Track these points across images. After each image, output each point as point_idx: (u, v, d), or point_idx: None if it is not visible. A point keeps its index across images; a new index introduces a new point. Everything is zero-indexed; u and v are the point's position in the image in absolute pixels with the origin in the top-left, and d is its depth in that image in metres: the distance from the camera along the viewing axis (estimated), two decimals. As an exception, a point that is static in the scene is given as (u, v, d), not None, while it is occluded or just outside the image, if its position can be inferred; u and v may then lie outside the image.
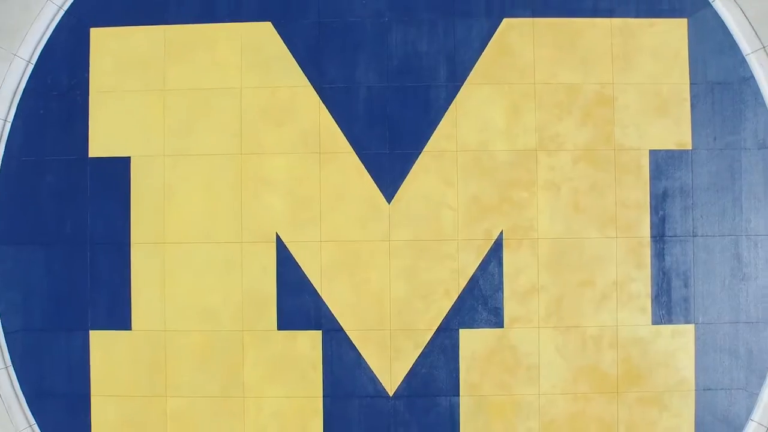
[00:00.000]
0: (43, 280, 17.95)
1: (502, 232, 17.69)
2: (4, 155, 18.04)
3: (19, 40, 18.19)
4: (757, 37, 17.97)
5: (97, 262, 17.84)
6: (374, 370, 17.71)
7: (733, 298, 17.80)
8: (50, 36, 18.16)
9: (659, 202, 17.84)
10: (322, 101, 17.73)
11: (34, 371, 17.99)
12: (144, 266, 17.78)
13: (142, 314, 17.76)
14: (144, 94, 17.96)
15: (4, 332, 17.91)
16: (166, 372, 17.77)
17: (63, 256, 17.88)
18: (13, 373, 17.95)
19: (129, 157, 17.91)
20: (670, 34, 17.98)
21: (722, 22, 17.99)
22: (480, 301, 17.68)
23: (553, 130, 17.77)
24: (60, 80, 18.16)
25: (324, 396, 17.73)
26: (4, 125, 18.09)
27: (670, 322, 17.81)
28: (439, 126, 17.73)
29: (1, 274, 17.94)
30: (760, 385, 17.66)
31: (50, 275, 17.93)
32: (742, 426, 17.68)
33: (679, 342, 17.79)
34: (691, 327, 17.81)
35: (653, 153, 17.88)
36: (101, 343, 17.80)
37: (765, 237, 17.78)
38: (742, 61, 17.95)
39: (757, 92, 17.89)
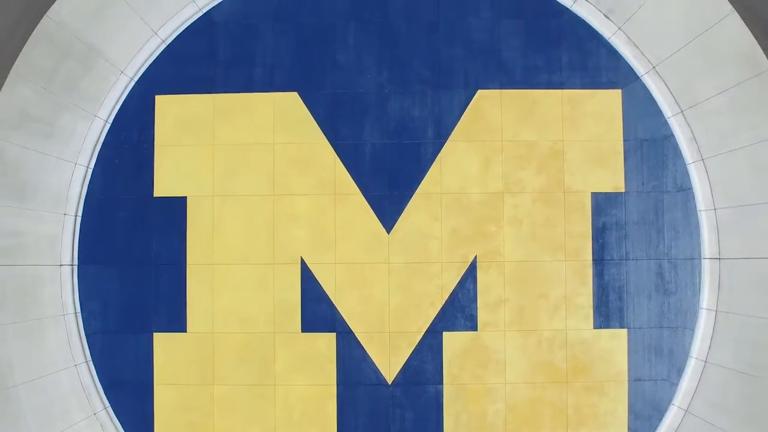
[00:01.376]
0: (117, 293, 22.71)
1: (476, 257, 22.50)
2: (87, 195, 22.87)
3: (99, 104, 23.09)
4: (677, 103, 22.88)
5: (160, 279, 22.61)
6: (376, 364, 22.45)
7: (657, 308, 22.56)
8: (124, 101, 23.05)
9: (599, 233, 22.65)
10: (337, 154, 22.61)
11: (109, 365, 22.72)
12: (197, 282, 22.55)
13: (195, 320, 22.52)
14: (197, 147, 22.83)
15: (86, 333, 22.68)
16: (213, 365, 22.52)
17: (133, 274, 22.65)
18: (92, 366, 22.69)
19: (186, 197, 22.75)
20: (608, 102, 22.89)
21: (649, 92, 22.91)
22: (459, 310, 22.48)
23: (516, 177, 22.64)
24: (131, 136, 23.01)
25: (337, 384, 22.47)
26: (86, 171, 22.94)
27: (608, 327, 22.56)
28: (427, 174, 22.59)
29: (84, 288, 22.70)
30: (679, 376, 22.37)
31: (123, 289, 22.70)
32: (665, 409, 22.42)
33: (615, 343, 22.54)
34: (624, 331, 22.55)
35: (594, 195, 22.71)
36: (162, 342, 22.57)
37: (682, 261, 22.56)
38: (665, 123, 22.83)
39: (676, 147, 22.78)
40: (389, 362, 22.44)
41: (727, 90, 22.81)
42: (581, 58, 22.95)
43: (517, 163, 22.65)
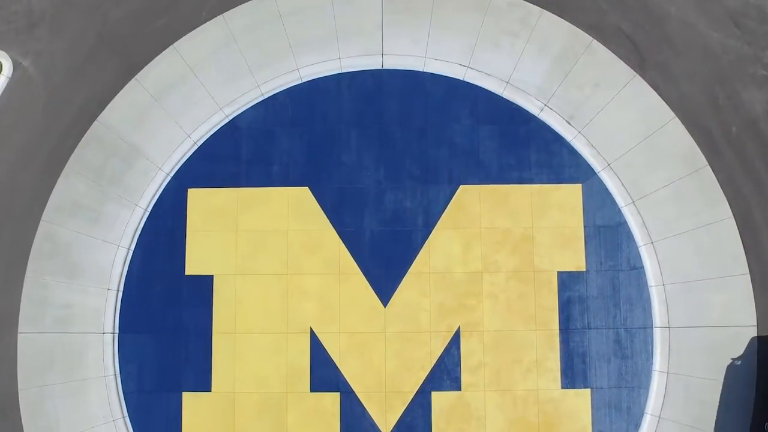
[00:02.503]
0: (152, 357, 26.51)
1: (459, 327, 26.38)
2: (127, 272, 26.85)
3: (139, 195, 27.27)
4: (629, 195, 27.06)
5: (189, 345, 26.44)
6: (374, 420, 26.13)
7: (616, 371, 26.30)
8: (161, 193, 27.23)
9: (564, 306, 26.55)
10: (341, 239, 26.70)
11: (144, 420, 26.37)
12: (221, 348, 26.37)
13: (219, 381, 26.25)
14: (223, 233, 26.91)
15: (123, 392, 26.36)
16: (234, 421, 26.17)
17: (166, 341, 26.47)
18: (129, 421, 26.34)
19: (212, 275, 26.73)
20: (570, 195, 27.05)
21: (605, 185, 27.10)
22: (445, 372, 26.24)
23: (493, 258, 26.67)
24: (166, 222, 27.11)
25: (341, 437, 26.15)
26: (127, 252, 26.98)
27: (573, 387, 26.27)
28: (418, 256, 26.68)
29: (123, 353, 26.50)
30: (637, 431, 25.97)
31: (156, 354, 26.50)
32: (625, 459, 25.99)
33: (580, 401, 26.24)
34: (588, 390, 26.26)
35: (560, 273, 26.70)
36: (191, 400, 26.27)
37: (637, 329, 26.41)
38: (619, 212, 26.96)
39: (629, 232, 26.86)
40: (386, 418, 26.07)
41: (671, 183, 27.05)
42: (547, 158, 27.21)
43: (494, 246, 26.67)
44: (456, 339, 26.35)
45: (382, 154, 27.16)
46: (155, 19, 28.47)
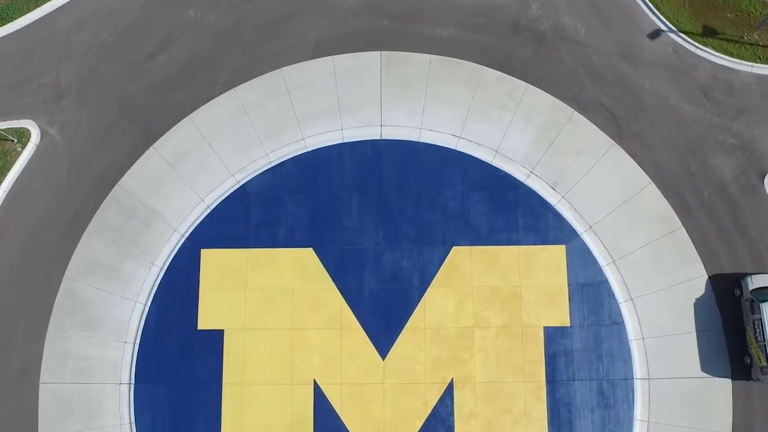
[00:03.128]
0: (166, 407, 28.38)
1: (452, 379, 28.32)
2: (143, 326, 28.84)
3: (156, 254, 29.42)
4: (610, 255, 29.24)
5: (200, 395, 28.31)
6: (374, 465, 27.96)
7: (600, 420, 28.19)
8: (176, 253, 29.37)
9: (551, 359, 28.52)
10: (343, 297, 28.80)
11: (157, 467, 28.16)
12: (230, 398, 28.25)
13: (228, 429, 28.08)
14: (233, 290, 29.00)
15: (138, 441, 28.21)
16: (242, 467, 28.01)
17: (179, 391, 28.35)
18: (142, 468, 28.12)
19: (223, 330, 28.74)
20: (555, 255, 29.23)
21: (587, 246, 29.29)
22: (440, 422, 28.12)
23: (484, 315, 28.74)
24: (180, 280, 29.21)
25: (342, 481, 27.92)
26: (144, 308, 29.02)
27: (559, 435, 28.16)
28: (414, 313, 28.76)
29: (139, 403, 28.36)
30: (620, 477, 27.81)
31: (170, 403, 28.36)
32: (609, 505, 27.71)
33: (565, 448, 28.09)
34: (573, 439, 28.15)
35: (546, 328, 28.73)
36: (202, 447, 28.13)
37: (618, 381, 28.37)
38: (600, 270, 29.12)
39: (610, 290, 29.00)
40: (384, 464, 27.92)
41: (648, 244, 29.29)
42: (533, 221, 29.47)
43: (485, 303, 28.77)
44: (450, 390, 28.27)
45: (381, 218, 29.43)
46: (173, 92, 31.09)
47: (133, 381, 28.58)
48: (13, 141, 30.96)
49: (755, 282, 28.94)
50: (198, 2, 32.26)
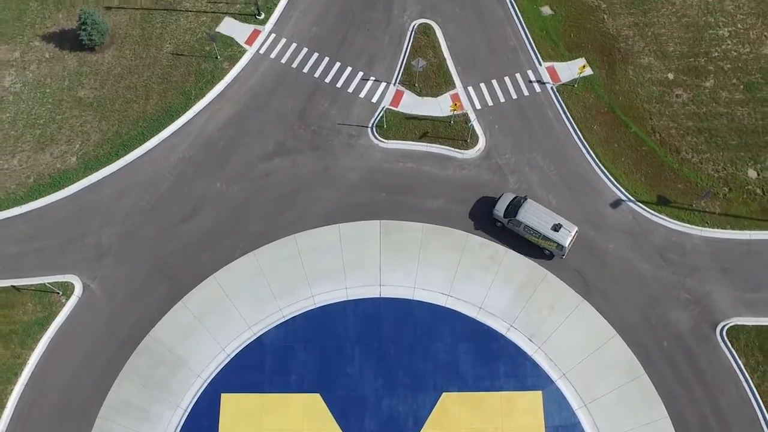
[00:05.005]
0: None
1: None
2: (171, 462, 32.48)
3: (180, 398, 33.33)
4: (581, 399, 33.19)
5: None
6: None
7: None
8: (198, 397, 33.29)
9: (531, 496, 31.95)
10: (347, 439, 32.67)
11: None
12: None
13: None
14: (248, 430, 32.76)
15: None
16: None
17: None
18: None
19: (240, 465, 32.33)
20: (533, 400, 33.18)
21: (561, 392, 33.24)
22: None
23: (474, 445, 32.42)
24: (202, 422, 33.00)
25: None
26: (169, 446, 32.73)
27: None
28: (409, 452, 32.54)
29: None
30: None
31: None
32: None
33: None
34: None
35: (526, 465, 32.35)
36: None
37: None
38: (573, 414, 32.98)
39: (583, 430, 32.61)
40: None
41: (616, 389, 33.36)
42: (513, 369, 33.60)
43: (475, 436, 32.57)
44: None
45: (380, 367, 33.57)
46: (200, 253, 35.96)
47: None
48: (58, 293, 35.46)
49: (499, 208, 35.88)
50: (223, 175, 37.80)
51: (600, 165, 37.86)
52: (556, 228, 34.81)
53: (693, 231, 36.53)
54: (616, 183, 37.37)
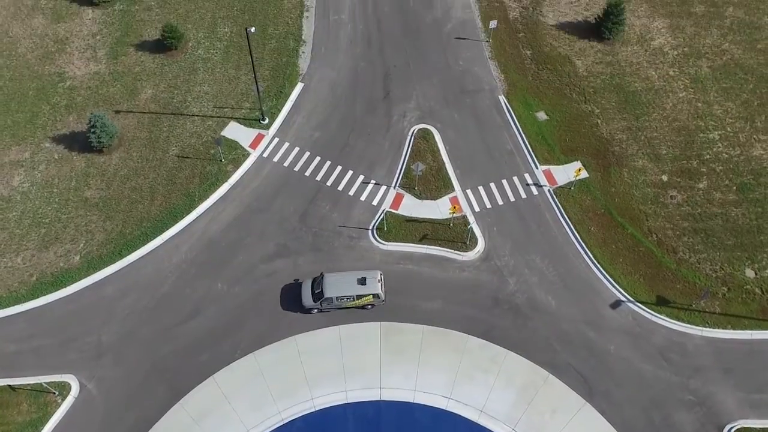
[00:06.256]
0: None
1: None
2: None
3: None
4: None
5: None
6: None
7: None
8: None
9: None
10: None
11: None
12: None
13: None
14: None
15: None
16: None
17: None
18: None
19: None
20: None
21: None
22: None
23: None
24: None
25: None
26: None
27: None
28: None
29: None
30: None
31: None
32: None
33: None
34: None
35: None
36: None
37: None
38: None
39: None
40: None
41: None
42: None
43: None
44: None
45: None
46: (199, 354, 35.73)
47: None
48: (54, 393, 35.02)
49: (306, 299, 36.24)
50: (225, 276, 38.11)
51: (598, 266, 38.27)
52: (362, 281, 35.61)
53: (694, 331, 36.51)
54: (615, 284, 37.68)
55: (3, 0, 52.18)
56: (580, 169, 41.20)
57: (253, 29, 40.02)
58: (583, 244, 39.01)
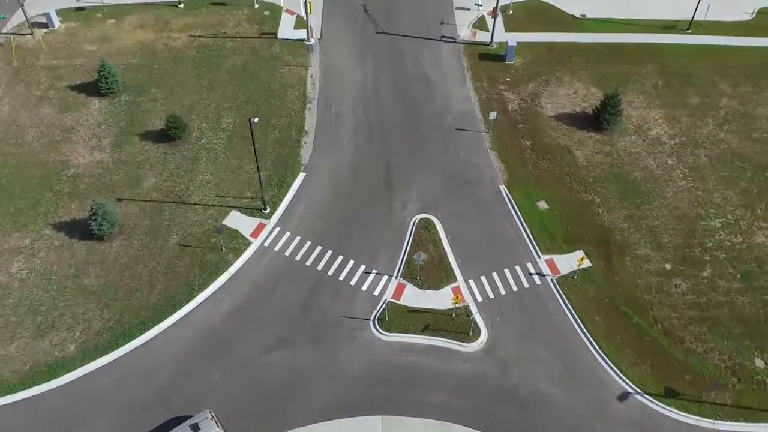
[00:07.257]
0: None
1: None
2: None
3: None
4: None
5: None
6: None
7: None
8: None
9: None
10: None
11: None
12: None
13: None
14: None
15: None
16: None
17: None
18: None
19: None
20: None
21: None
22: None
23: None
24: None
25: None
26: None
27: None
28: None
29: None
30: None
31: None
32: None
33: None
34: None
35: None
36: None
37: None
38: None
39: None
40: None
41: None
42: None
43: None
44: None
45: None
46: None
47: None
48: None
49: None
50: (222, 367, 37.11)
51: (604, 357, 37.42)
52: (195, 428, 33.31)
53: (705, 424, 35.21)
54: (621, 375, 36.70)
55: (13, 90, 53.62)
56: (582, 258, 41.03)
57: (256, 119, 40.74)
58: (588, 334, 38.27)
